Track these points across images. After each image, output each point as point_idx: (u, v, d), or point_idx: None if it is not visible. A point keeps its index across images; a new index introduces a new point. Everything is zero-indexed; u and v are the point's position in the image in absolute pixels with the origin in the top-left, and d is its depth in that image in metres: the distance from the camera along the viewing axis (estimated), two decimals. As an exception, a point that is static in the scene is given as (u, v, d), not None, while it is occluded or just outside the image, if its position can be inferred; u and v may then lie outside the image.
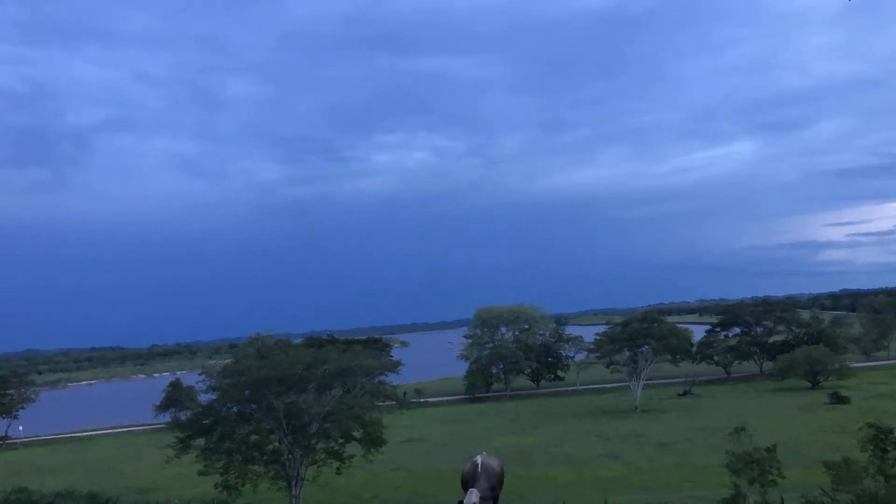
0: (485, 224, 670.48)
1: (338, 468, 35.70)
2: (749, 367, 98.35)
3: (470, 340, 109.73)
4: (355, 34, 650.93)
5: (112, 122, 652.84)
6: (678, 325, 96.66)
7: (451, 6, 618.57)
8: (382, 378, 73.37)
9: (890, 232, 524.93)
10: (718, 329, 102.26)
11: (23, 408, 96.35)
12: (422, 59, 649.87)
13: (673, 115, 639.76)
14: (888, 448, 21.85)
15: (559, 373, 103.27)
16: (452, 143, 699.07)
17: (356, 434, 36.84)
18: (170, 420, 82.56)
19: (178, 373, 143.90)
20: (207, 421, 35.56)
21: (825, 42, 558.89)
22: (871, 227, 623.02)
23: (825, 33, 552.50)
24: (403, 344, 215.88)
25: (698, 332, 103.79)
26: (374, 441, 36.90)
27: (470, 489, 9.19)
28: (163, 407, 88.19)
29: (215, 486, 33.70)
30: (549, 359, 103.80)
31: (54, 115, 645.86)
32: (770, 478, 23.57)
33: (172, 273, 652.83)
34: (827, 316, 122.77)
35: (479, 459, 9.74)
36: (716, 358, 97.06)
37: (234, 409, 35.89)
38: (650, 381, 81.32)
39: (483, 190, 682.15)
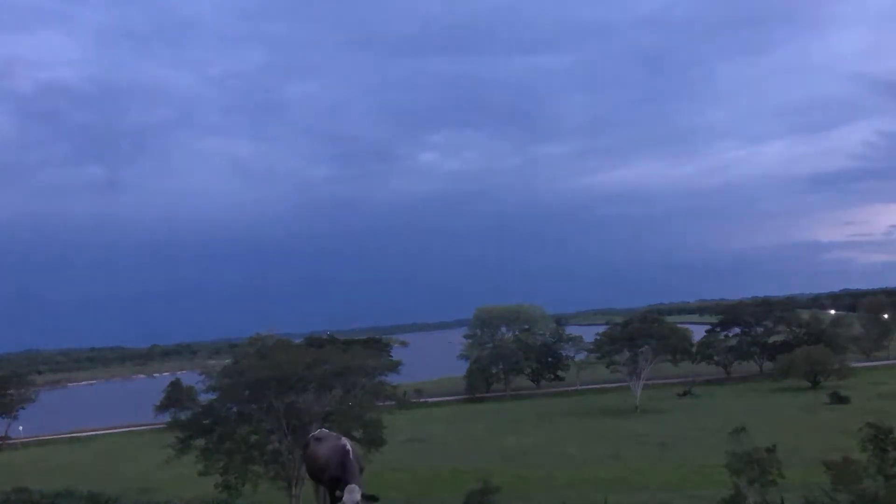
0: (487, 224, 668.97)
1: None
2: (749, 367, 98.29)
3: (470, 340, 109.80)
4: (415, 36, 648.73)
5: (169, 122, 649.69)
6: (678, 325, 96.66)
7: (510, 10, 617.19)
8: (382, 378, 73.31)
9: (890, 232, 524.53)
10: (718, 329, 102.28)
11: (23, 407, 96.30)
12: (478, 59, 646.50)
13: (710, 117, 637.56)
14: (888, 448, 21.87)
15: (559, 373, 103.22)
16: (496, 144, 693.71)
17: (356, 434, 36.79)
18: (170, 420, 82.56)
19: (178, 373, 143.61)
20: (207, 421, 35.54)
21: (864, 44, 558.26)
22: (872, 228, 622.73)
23: (865, 36, 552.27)
24: (403, 344, 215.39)
25: (698, 332, 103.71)
26: (374, 441, 36.87)
27: (350, 486, 6.99)
28: (163, 407, 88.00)
29: (215, 486, 33.70)
30: (550, 359, 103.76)
31: (116, 115, 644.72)
32: (770, 478, 23.57)
33: (173, 273, 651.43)
34: (827, 316, 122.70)
35: (346, 442, 7.32)
36: (716, 358, 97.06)
37: (235, 409, 35.84)
38: (650, 381, 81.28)
39: (514, 191, 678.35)
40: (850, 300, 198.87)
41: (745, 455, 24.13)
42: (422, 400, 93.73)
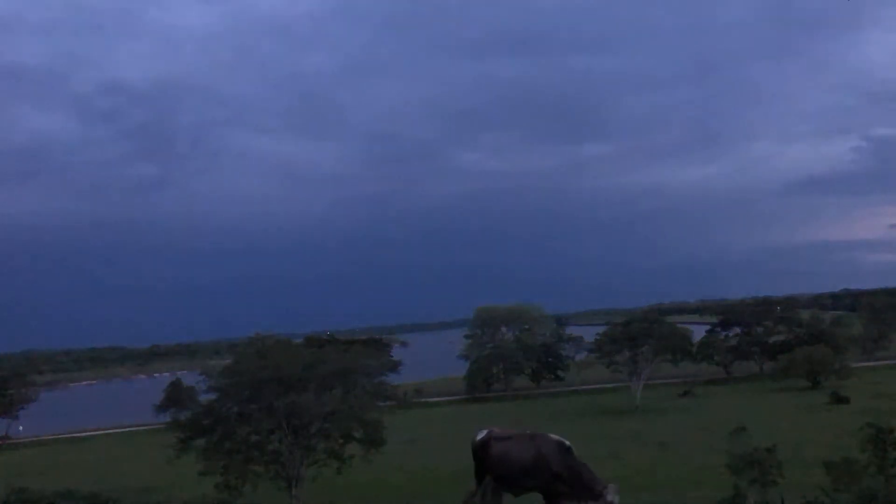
0: (488, 223, 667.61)
1: (338, 468, 35.68)
2: (749, 367, 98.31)
3: (470, 340, 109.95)
4: (472, 35, 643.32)
5: (211, 122, 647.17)
6: (678, 325, 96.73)
7: (567, 11, 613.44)
8: (383, 378, 73.36)
9: (891, 232, 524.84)
10: (718, 329, 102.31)
11: (23, 408, 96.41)
12: (533, 59, 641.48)
13: (730, 120, 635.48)
14: (888, 448, 21.86)
15: (559, 373, 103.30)
16: (529, 147, 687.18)
17: (356, 434, 36.77)
18: (170, 420, 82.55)
19: (178, 373, 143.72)
20: (208, 421, 35.49)
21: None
22: (873, 227, 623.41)
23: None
24: (403, 344, 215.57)
25: (698, 332, 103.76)
26: (374, 441, 36.79)
27: (612, 485, 6.50)
28: (163, 407, 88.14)
29: (215, 486, 33.67)
30: (550, 359, 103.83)
31: (167, 115, 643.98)
32: (770, 478, 23.56)
33: (174, 273, 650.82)
34: (828, 316, 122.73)
35: (561, 439, 6.63)
36: (716, 358, 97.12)
37: (235, 409, 35.80)
38: (650, 381, 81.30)
39: (531, 193, 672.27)
40: (850, 300, 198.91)
41: (745, 455, 24.10)
42: (422, 400, 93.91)
